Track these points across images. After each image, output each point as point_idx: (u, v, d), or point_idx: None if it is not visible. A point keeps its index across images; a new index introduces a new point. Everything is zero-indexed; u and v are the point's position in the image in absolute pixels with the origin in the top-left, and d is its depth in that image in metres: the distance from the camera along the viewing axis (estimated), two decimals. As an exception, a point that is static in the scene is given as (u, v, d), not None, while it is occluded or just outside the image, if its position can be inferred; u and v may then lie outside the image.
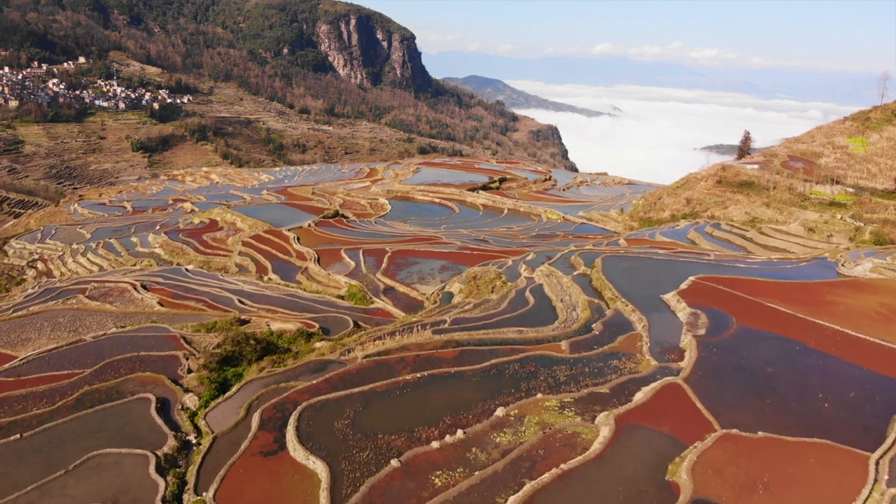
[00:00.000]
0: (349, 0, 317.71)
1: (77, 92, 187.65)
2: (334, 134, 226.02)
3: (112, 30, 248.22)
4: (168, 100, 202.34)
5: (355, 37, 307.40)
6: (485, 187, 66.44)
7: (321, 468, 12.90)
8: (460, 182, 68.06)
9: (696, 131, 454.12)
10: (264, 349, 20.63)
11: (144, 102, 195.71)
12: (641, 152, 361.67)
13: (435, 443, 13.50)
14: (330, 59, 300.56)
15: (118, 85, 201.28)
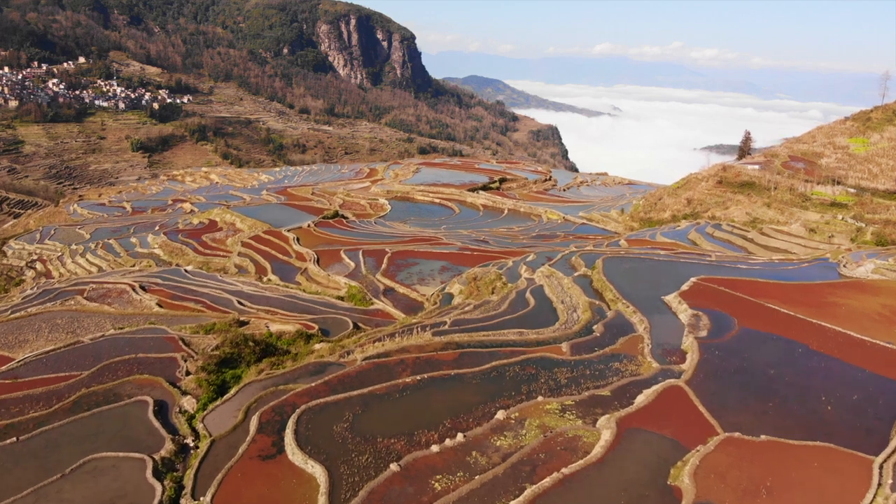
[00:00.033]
0: (349, 0, 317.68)
1: (77, 92, 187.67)
2: (334, 134, 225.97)
3: (112, 30, 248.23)
4: (168, 100, 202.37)
5: (355, 37, 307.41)
6: (485, 187, 66.32)
7: (320, 472, 12.77)
8: (460, 182, 67.93)
9: (696, 131, 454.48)
10: (263, 351, 20.48)
11: (144, 102, 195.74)
12: (641, 152, 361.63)
13: (435, 446, 13.37)
14: (330, 59, 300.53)
15: (118, 85, 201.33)
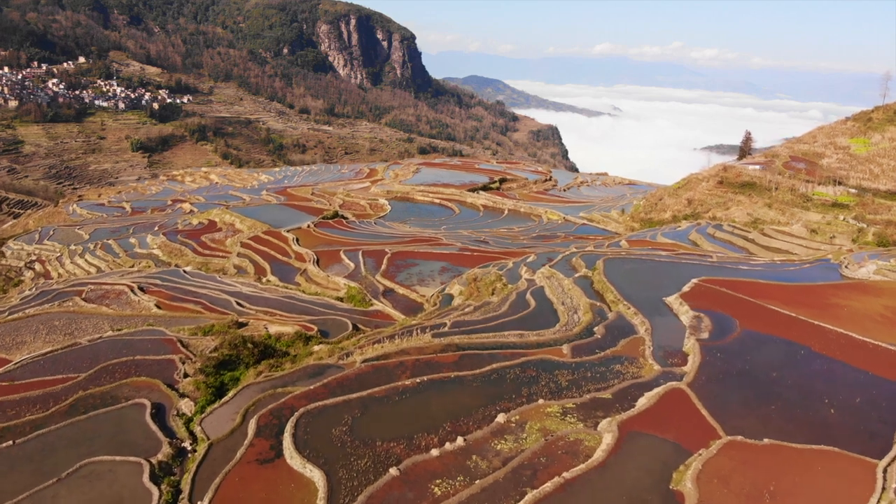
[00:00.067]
0: (349, 0, 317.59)
1: (77, 92, 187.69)
2: (334, 134, 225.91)
3: (112, 30, 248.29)
4: (168, 100, 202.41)
5: (355, 37, 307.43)
6: (485, 188, 66.19)
7: (318, 477, 12.64)
8: (460, 182, 67.80)
9: (697, 131, 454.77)
10: (262, 353, 20.33)
11: (144, 102, 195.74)
12: (641, 152, 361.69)
13: (434, 450, 13.23)
14: (330, 59, 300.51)
15: (118, 85, 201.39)
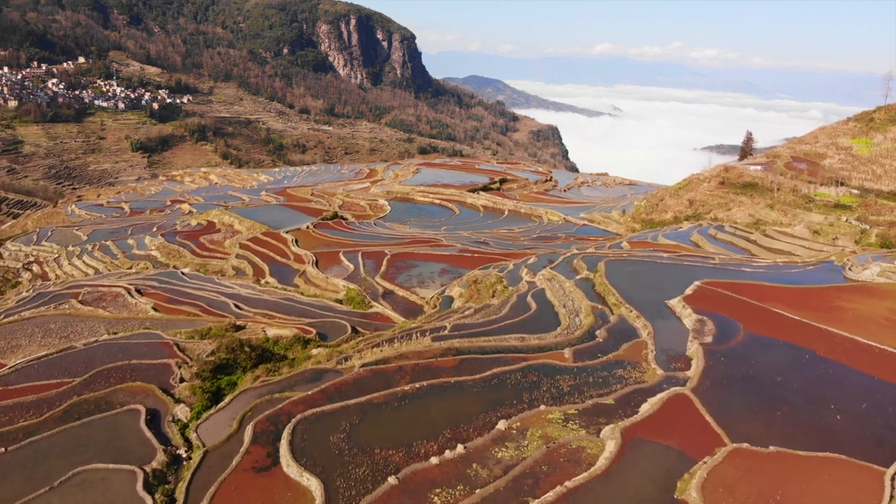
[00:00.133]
0: (349, 0, 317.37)
1: (76, 92, 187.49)
2: (334, 134, 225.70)
3: (112, 30, 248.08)
4: (168, 100, 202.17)
5: (355, 37, 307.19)
6: (485, 188, 65.92)
7: (315, 485, 12.40)
8: (460, 183, 67.54)
9: (697, 131, 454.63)
10: (259, 357, 20.08)
11: (144, 102, 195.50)
12: (642, 152, 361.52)
13: (434, 458, 12.98)
14: (330, 59, 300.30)
15: (118, 85, 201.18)
